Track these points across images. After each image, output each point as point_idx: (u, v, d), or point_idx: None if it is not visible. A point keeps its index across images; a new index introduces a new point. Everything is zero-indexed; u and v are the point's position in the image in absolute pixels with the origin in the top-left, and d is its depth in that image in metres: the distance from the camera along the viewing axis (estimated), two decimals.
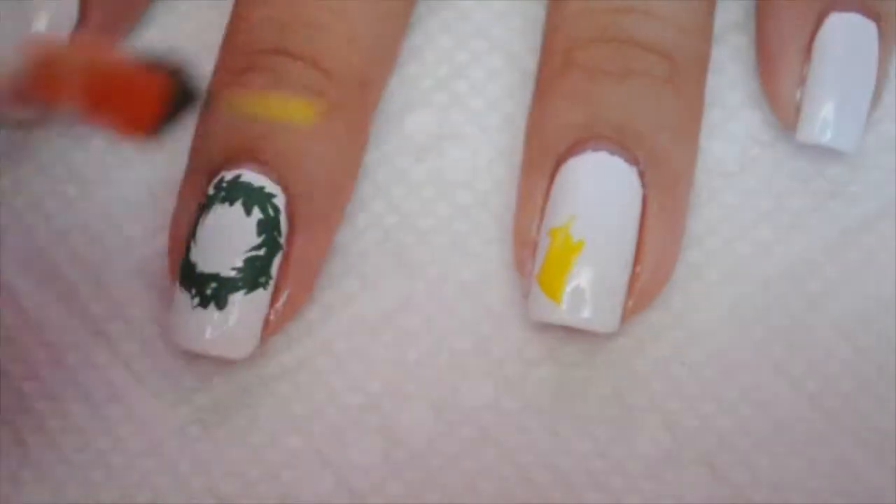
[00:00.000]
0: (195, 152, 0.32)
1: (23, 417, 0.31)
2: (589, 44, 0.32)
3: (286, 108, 0.29)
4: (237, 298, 0.30)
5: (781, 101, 0.32)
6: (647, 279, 0.31)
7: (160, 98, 0.25)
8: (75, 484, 0.31)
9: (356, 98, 0.32)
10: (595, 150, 0.31)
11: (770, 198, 0.33)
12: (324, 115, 0.31)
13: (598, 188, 0.30)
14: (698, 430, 0.30)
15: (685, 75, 0.32)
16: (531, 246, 0.31)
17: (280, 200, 0.31)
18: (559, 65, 0.32)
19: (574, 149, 0.31)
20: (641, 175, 0.31)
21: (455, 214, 0.33)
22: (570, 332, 0.31)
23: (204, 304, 0.30)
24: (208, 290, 0.30)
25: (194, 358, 0.31)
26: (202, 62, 0.30)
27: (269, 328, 0.31)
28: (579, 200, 0.30)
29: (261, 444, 0.31)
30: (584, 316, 0.30)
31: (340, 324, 0.32)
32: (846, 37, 0.32)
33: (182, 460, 0.31)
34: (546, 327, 0.31)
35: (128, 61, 0.25)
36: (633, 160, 0.31)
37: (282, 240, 0.30)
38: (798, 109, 0.32)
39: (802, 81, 0.32)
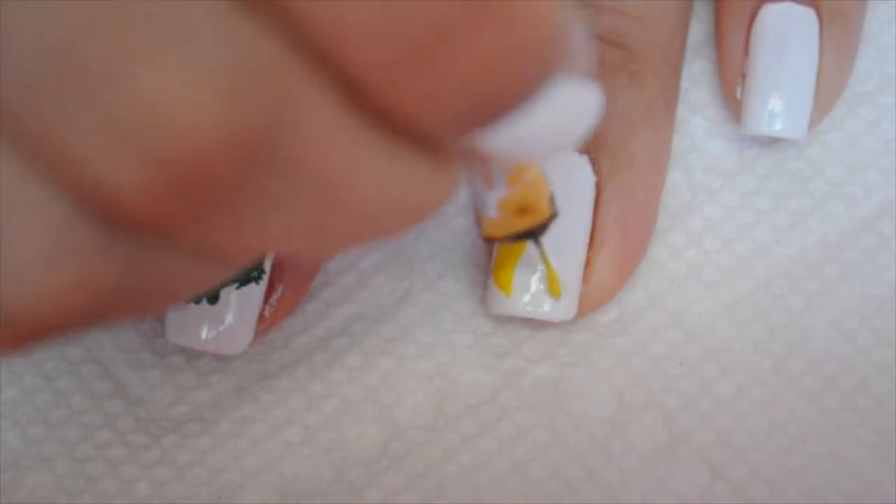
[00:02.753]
0: None
1: (25, 410, 0.31)
2: None
3: None
4: (229, 293, 0.30)
5: (729, 98, 0.33)
6: (600, 265, 0.31)
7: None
8: (75, 476, 0.31)
9: None
10: None
11: (769, 198, 0.33)
12: None
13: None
14: (696, 428, 0.30)
15: (642, 63, 0.32)
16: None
17: None
18: None
19: None
20: (593, 162, 0.31)
21: (455, 212, 0.33)
22: (569, 330, 0.31)
23: (196, 299, 0.30)
24: None
25: (194, 355, 0.32)
26: None
27: (265, 323, 0.31)
28: None
29: (259, 437, 0.31)
30: (533, 306, 0.30)
31: (339, 319, 0.32)
32: (779, 27, 0.32)
33: (181, 453, 0.31)
34: (545, 325, 0.31)
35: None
36: (583, 149, 0.31)
37: None
38: (740, 103, 0.32)
39: (743, 76, 0.32)
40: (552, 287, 0.30)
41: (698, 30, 0.34)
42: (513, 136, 0.20)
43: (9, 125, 0.17)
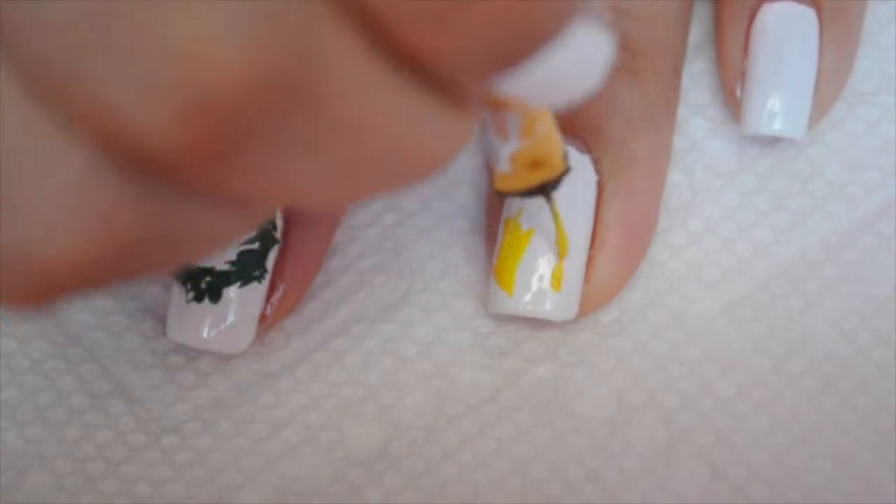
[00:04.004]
0: None
1: (25, 410, 0.31)
2: None
3: None
4: (231, 292, 0.30)
5: (729, 98, 0.33)
6: (602, 264, 0.31)
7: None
8: (75, 476, 0.31)
9: None
10: None
11: (769, 198, 0.33)
12: None
13: None
14: (696, 428, 0.30)
15: (643, 63, 0.32)
16: (493, 239, 0.31)
17: None
18: None
19: None
20: (596, 162, 0.31)
21: (455, 212, 0.33)
22: (569, 330, 0.31)
23: (199, 298, 0.30)
24: (203, 283, 0.30)
25: (194, 355, 0.32)
26: None
27: (266, 322, 0.31)
28: None
29: (259, 437, 0.31)
30: (534, 305, 0.30)
31: (339, 319, 0.32)
32: (778, 26, 0.32)
33: (181, 453, 0.31)
34: (545, 325, 0.31)
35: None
36: (585, 148, 0.31)
37: (277, 234, 0.31)
38: (740, 103, 0.32)
39: (742, 76, 0.32)
40: (561, 248, 0.30)
41: (698, 30, 0.34)
42: (530, 80, 0.20)
43: (34, 76, 0.17)
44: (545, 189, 0.28)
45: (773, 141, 0.33)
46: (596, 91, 0.22)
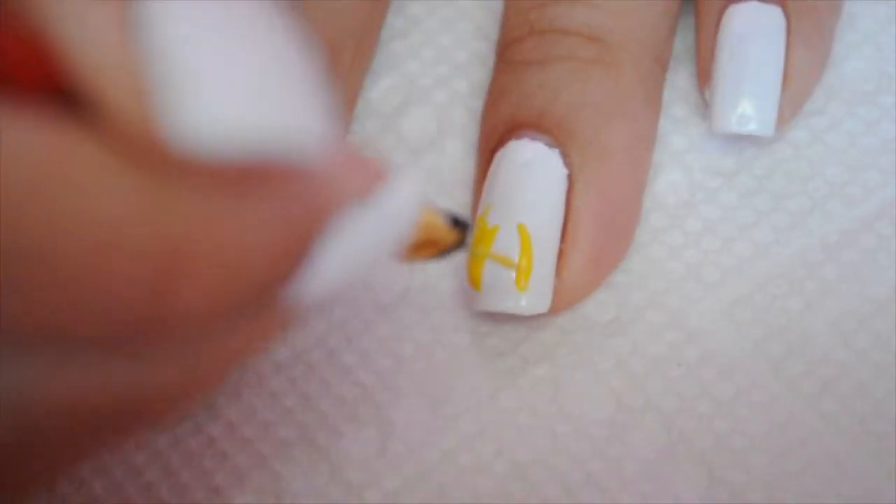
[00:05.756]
0: None
1: None
2: (518, 40, 0.33)
3: None
4: None
5: (705, 97, 0.33)
6: (575, 258, 0.31)
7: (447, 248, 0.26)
8: (68, 478, 0.31)
9: None
10: (517, 138, 0.31)
11: (768, 198, 0.33)
12: None
13: (511, 174, 0.31)
14: (695, 431, 0.30)
15: (618, 54, 0.32)
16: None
17: None
18: (495, 65, 0.33)
19: (502, 140, 0.31)
20: (564, 155, 0.31)
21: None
22: (567, 331, 0.31)
23: None
24: None
25: None
26: None
27: None
28: (494, 188, 0.31)
29: (254, 437, 0.31)
30: (505, 301, 0.30)
31: (335, 319, 0.32)
32: (743, 26, 0.32)
33: (174, 454, 0.31)
34: (544, 325, 0.31)
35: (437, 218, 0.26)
36: (554, 143, 0.31)
37: None
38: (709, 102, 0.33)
39: (709, 76, 0.32)
40: (517, 280, 0.30)
41: None
42: (335, 263, 0.20)
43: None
44: (444, 255, 0.27)
45: (772, 141, 0.33)
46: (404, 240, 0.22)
